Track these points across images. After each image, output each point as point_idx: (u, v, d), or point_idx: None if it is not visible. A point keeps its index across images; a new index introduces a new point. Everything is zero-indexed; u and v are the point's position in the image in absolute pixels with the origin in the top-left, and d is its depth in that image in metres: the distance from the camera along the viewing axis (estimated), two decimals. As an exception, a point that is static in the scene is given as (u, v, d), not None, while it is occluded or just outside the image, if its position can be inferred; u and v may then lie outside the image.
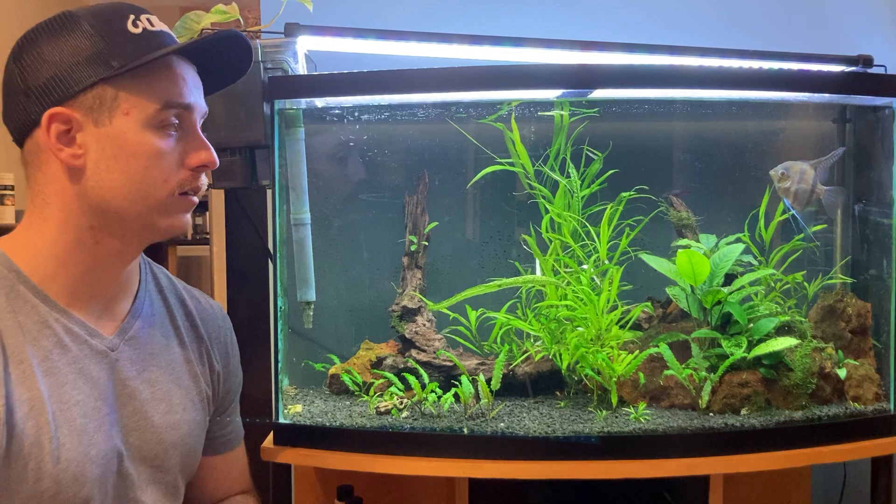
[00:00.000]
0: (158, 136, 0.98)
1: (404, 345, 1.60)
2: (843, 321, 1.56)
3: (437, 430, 1.39)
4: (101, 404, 1.00)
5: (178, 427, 1.08)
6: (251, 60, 1.10)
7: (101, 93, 0.96)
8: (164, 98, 0.98)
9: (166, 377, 1.09)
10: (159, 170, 0.99)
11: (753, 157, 1.71)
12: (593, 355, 1.46)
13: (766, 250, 1.59)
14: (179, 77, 1.01)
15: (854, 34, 1.80)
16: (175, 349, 1.13)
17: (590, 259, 1.55)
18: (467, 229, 1.77)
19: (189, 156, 1.02)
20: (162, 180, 0.99)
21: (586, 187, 1.58)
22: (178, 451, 1.09)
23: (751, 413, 1.42)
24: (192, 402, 1.12)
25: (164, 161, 0.99)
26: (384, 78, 1.39)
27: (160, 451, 1.06)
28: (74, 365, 0.98)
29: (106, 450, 0.99)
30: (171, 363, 1.11)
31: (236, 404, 1.28)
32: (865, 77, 1.60)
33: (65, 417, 0.95)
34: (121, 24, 0.98)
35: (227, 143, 1.44)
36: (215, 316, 1.22)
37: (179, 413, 1.09)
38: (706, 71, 1.51)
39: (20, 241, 1.00)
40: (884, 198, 1.55)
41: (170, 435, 1.07)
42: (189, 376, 1.13)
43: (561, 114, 1.57)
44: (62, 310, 0.98)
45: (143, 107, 0.97)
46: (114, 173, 0.97)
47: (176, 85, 1.00)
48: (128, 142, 0.97)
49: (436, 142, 1.70)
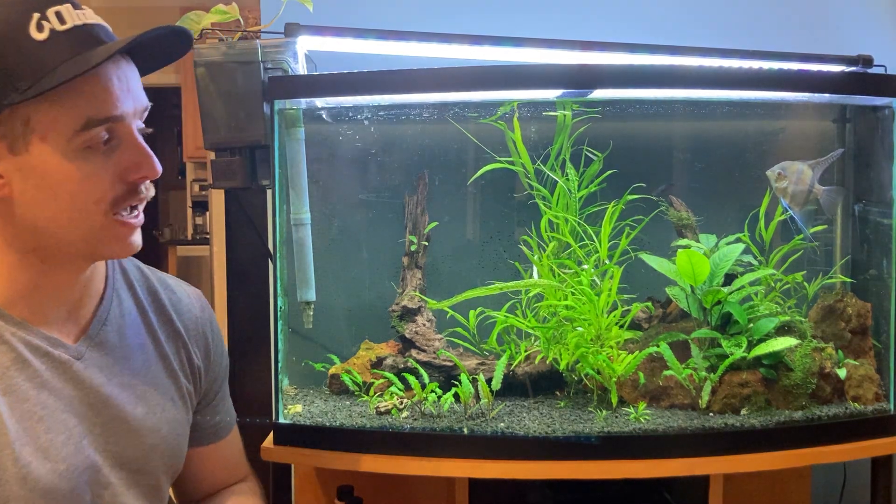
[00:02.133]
0: (84, 158, 0.87)
1: (404, 345, 1.60)
2: (843, 321, 1.56)
3: (437, 430, 1.39)
4: (67, 416, 0.94)
5: (157, 429, 1.04)
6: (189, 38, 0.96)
7: (9, 118, 0.84)
8: (84, 116, 0.86)
9: (141, 378, 1.04)
10: (88, 193, 0.88)
11: (753, 157, 1.71)
12: (593, 355, 1.46)
13: (766, 250, 1.59)
14: (103, 86, 0.87)
15: (854, 34, 1.80)
16: (149, 348, 1.07)
17: (590, 259, 1.55)
18: (467, 229, 1.77)
19: (126, 168, 0.90)
20: (93, 203, 0.89)
21: (585, 187, 1.58)
22: (160, 452, 1.05)
23: (751, 413, 1.42)
24: (171, 401, 1.07)
25: (92, 183, 0.88)
26: (384, 78, 1.39)
27: (140, 455, 1.02)
28: (36, 380, 0.92)
29: (76, 463, 0.94)
30: (146, 363, 1.06)
31: (224, 391, 1.22)
32: (865, 77, 1.60)
33: (28, 436, 0.90)
34: (21, 31, 0.85)
35: (227, 143, 1.44)
36: (191, 307, 1.15)
37: (158, 414, 1.04)
38: (706, 71, 1.51)
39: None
40: (884, 198, 1.55)
41: (149, 438, 1.03)
42: (166, 374, 1.08)
43: (564, 114, 1.57)
44: (19, 323, 0.92)
45: (60, 129, 0.85)
46: (40, 203, 0.88)
47: (98, 98, 0.87)
48: (49, 171, 0.86)
49: (436, 142, 1.70)
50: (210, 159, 1.48)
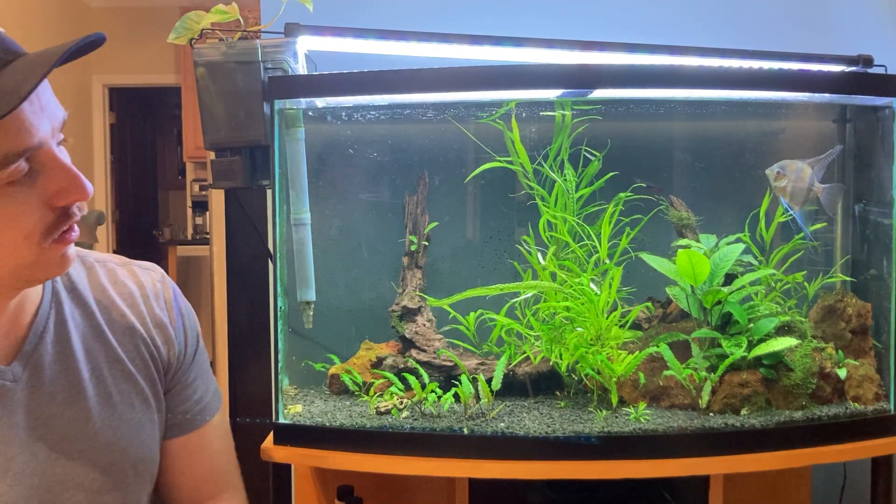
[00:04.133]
0: (6, 195, 0.79)
1: (404, 345, 1.60)
2: (844, 321, 1.56)
3: (437, 430, 1.39)
4: (8, 447, 0.87)
5: (113, 442, 0.95)
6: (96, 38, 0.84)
7: None
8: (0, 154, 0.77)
9: (90, 390, 0.95)
10: (16, 230, 0.80)
11: (753, 157, 1.71)
12: (593, 355, 1.46)
13: (767, 250, 1.59)
14: (16, 118, 0.77)
15: (854, 34, 1.80)
16: (98, 353, 0.97)
17: (590, 259, 1.55)
18: (467, 229, 1.77)
19: (53, 195, 0.82)
20: (22, 238, 0.81)
21: (584, 187, 1.58)
22: (124, 464, 0.96)
23: (751, 413, 1.42)
24: (129, 407, 0.98)
25: (19, 219, 0.80)
26: (384, 78, 1.39)
27: (97, 474, 0.93)
28: None
29: (19, 495, 0.86)
30: (95, 371, 0.96)
31: (199, 368, 1.10)
32: (865, 77, 1.60)
33: None
34: None
35: (227, 143, 1.44)
36: (145, 296, 1.05)
37: (114, 426, 0.96)
38: (706, 71, 1.51)
39: None
40: (884, 198, 1.55)
41: (106, 454, 0.94)
42: (122, 378, 0.99)
43: (563, 113, 1.57)
44: None
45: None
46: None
47: (12, 131, 0.77)
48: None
49: (436, 142, 1.70)
50: (210, 159, 1.48)
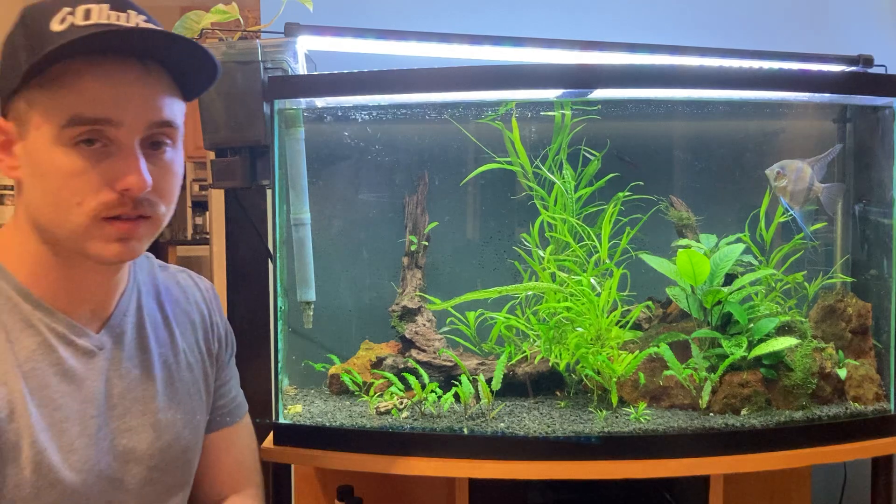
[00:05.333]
0: (69, 153, 0.86)
1: (404, 345, 1.60)
2: (844, 321, 1.56)
3: (437, 430, 1.39)
4: (87, 406, 0.95)
5: (172, 424, 1.03)
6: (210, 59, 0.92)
7: (18, 104, 0.87)
8: (69, 113, 0.85)
9: (158, 373, 1.04)
10: (71, 192, 0.87)
11: (754, 157, 1.71)
12: (593, 355, 1.46)
13: (767, 250, 1.59)
14: (93, 87, 0.86)
15: (854, 34, 1.80)
16: (166, 343, 1.07)
17: (590, 259, 1.55)
18: (467, 229, 1.77)
19: (113, 177, 0.88)
20: (76, 203, 0.87)
21: (584, 187, 1.58)
22: (177, 448, 1.04)
23: (751, 413, 1.42)
24: (187, 395, 1.07)
25: (76, 182, 0.87)
26: (384, 78, 1.39)
27: (155, 452, 1.01)
28: (59, 366, 0.93)
29: (88, 455, 0.93)
30: (163, 356, 1.05)
31: (234, 371, 1.21)
32: (865, 77, 1.60)
33: (46, 422, 0.90)
34: (44, 23, 0.86)
35: (227, 143, 1.44)
36: (203, 300, 1.16)
37: (174, 409, 1.04)
38: (706, 71, 1.51)
39: (5, 240, 0.96)
40: (884, 197, 1.55)
41: (165, 435, 1.02)
42: (184, 367, 1.08)
43: (563, 113, 1.57)
44: (46, 309, 0.93)
45: (50, 122, 0.86)
46: (36, 191, 0.89)
47: (85, 97, 0.86)
48: (39, 159, 0.87)
49: (436, 142, 1.70)
50: (210, 159, 1.48)
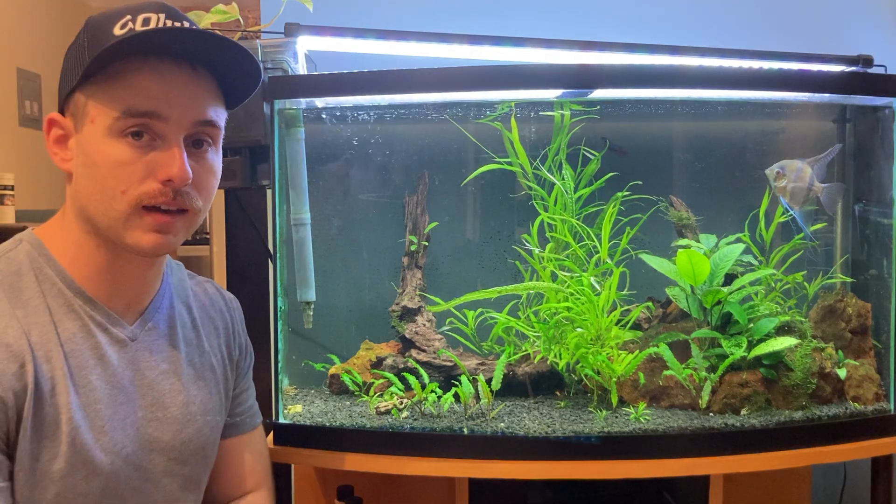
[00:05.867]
0: (119, 144, 0.94)
1: (404, 345, 1.60)
2: (843, 321, 1.56)
3: (437, 430, 1.39)
4: (117, 393, 1.00)
5: (194, 419, 1.08)
6: (253, 61, 1.01)
7: (77, 99, 0.96)
8: (123, 106, 0.94)
9: (185, 369, 1.10)
10: (117, 180, 0.95)
11: (754, 157, 1.71)
12: (593, 355, 1.46)
13: (767, 250, 1.59)
14: (146, 83, 0.95)
15: (854, 34, 1.80)
16: (193, 342, 1.13)
17: (590, 259, 1.55)
18: (467, 229, 1.77)
19: (156, 168, 0.96)
20: (120, 191, 0.95)
21: (583, 187, 1.58)
22: (196, 443, 1.09)
23: (751, 413, 1.42)
24: (208, 394, 1.12)
25: (123, 171, 0.94)
26: (384, 78, 1.39)
27: (177, 444, 1.06)
28: (96, 351, 0.99)
29: (116, 440, 0.99)
30: (189, 355, 1.11)
31: (251, 382, 1.27)
32: (865, 77, 1.60)
33: (82, 401, 0.96)
34: (108, 27, 0.96)
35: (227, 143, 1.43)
36: (228, 309, 1.23)
37: (197, 404, 1.09)
38: (706, 71, 1.51)
39: (54, 230, 1.03)
40: (884, 197, 1.55)
41: (187, 428, 1.07)
42: (208, 368, 1.14)
43: (562, 113, 1.57)
44: (87, 297, 1.00)
45: (105, 114, 0.94)
46: (85, 180, 0.96)
47: (138, 92, 0.94)
48: (92, 150, 0.95)
49: (436, 142, 1.70)
50: (210, 159, 1.48)
